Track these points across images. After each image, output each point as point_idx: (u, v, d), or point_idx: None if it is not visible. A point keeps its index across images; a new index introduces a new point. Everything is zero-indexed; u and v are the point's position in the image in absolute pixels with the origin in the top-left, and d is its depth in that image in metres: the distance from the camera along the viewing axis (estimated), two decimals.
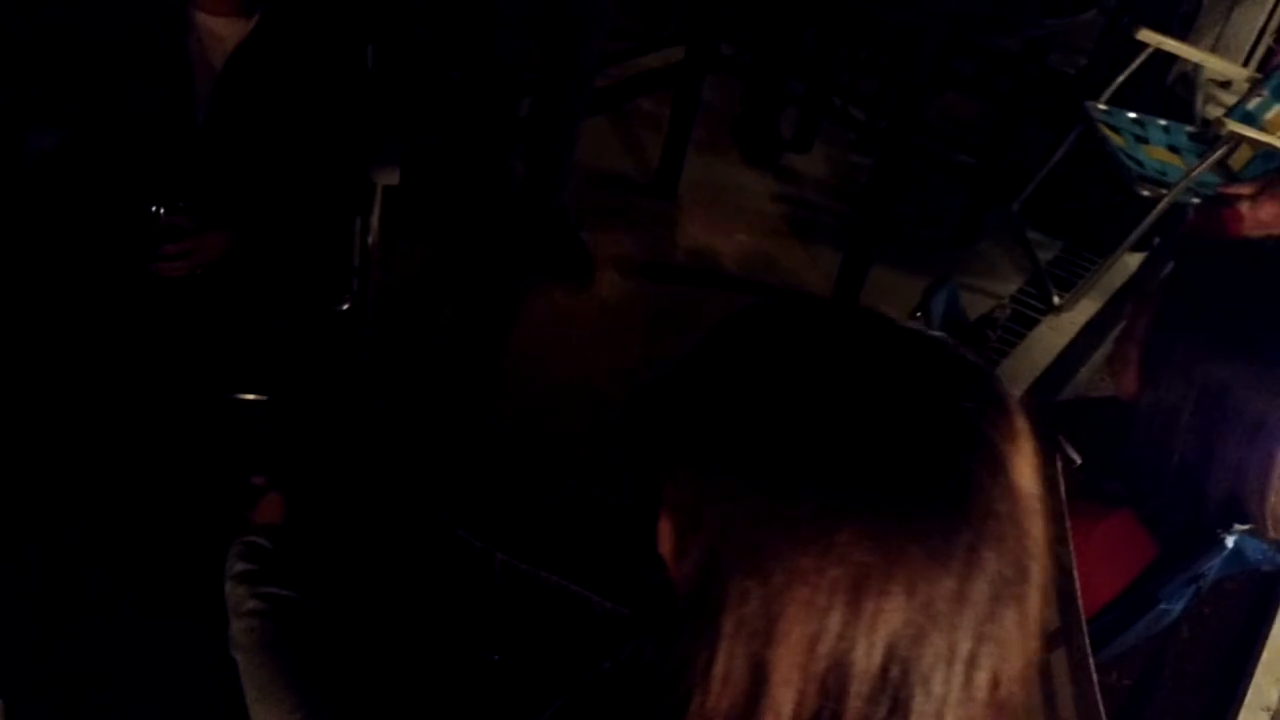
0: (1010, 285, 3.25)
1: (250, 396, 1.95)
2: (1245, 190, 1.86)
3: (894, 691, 0.64)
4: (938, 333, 0.72)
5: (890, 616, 0.62)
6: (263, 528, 1.07)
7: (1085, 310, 3.21)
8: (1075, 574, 0.99)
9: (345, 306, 2.04)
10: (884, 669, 0.63)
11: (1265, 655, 2.13)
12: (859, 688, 0.63)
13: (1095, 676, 0.92)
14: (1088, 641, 0.94)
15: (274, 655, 0.98)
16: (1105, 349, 3.01)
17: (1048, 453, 0.74)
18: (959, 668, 0.64)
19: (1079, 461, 1.21)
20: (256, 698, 0.97)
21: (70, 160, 1.83)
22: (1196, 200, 2.89)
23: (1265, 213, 1.83)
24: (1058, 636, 0.97)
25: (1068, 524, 1.05)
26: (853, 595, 0.62)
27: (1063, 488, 1.10)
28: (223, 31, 1.73)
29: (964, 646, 0.64)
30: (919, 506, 0.63)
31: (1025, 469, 0.67)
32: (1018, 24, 2.68)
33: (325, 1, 1.79)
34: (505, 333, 2.68)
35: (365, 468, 1.85)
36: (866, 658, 0.63)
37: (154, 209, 1.73)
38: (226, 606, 1.02)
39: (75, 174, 1.82)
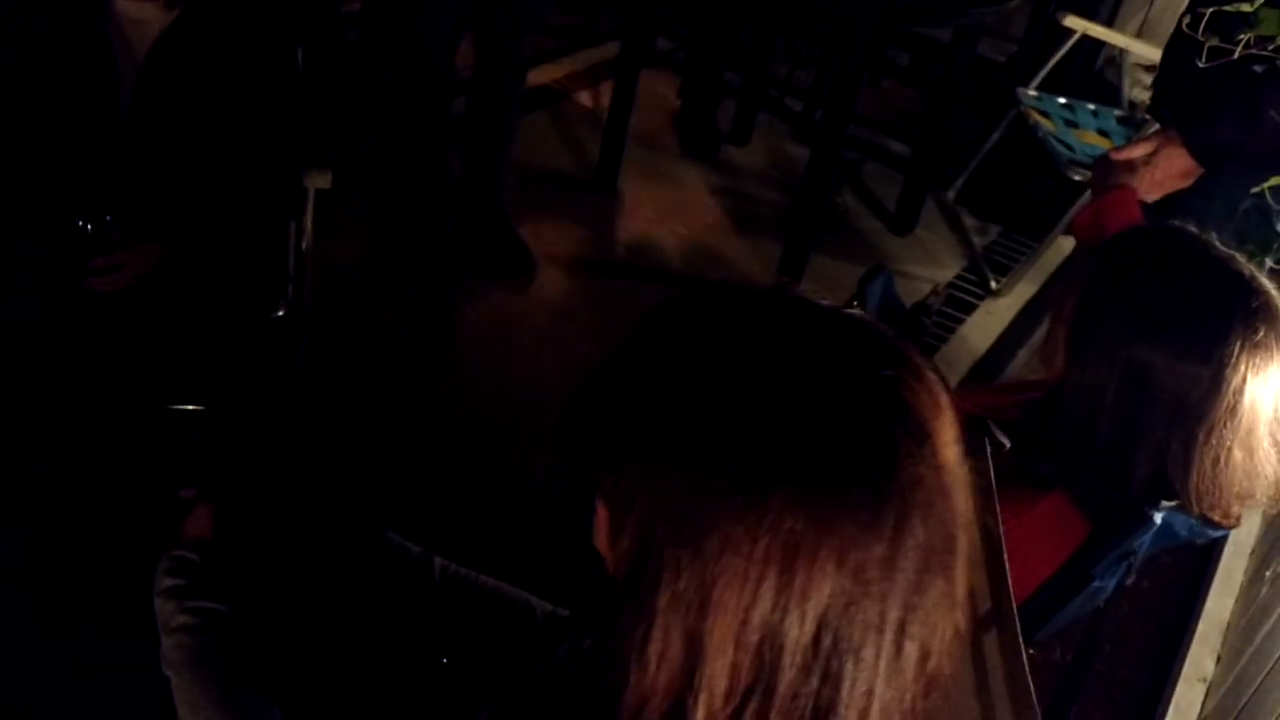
0: (948, 271, 3.29)
1: (186, 407, 1.92)
2: (1137, 152, 1.85)
3: (825, 662, 0.64)
4: (857, 312, 0.73)
5: (821, 585, 0.63)
6: (191, 541, 1.05)
7: (1022, 294, 3.25)
8: (1004, 554, 1.00)
9: (280, 313, 2.01)
10: (816, 639, 0.64)
11: (1200, 627, 2.19)
12: (791, 658, 0.64)
13: (1025, 657, 0.93)
14: (1018, 623, 0.95)
15: (206, 671, 0.96)
16: (1042, 332, 3.06)
17: (976, 434, 0.74)
18: (889, 636, 0.65)
19: (1007, 445, 1.23)
20: (189, 714, 0.96)
21: None
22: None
23: (1160, 172, 1.83)
24: (989, 618, 0.98)
25: (997, 503, 1.07)
26: (784, 564, 0.63)
27: (991, 467, 1.11)
28: (146, 18, 1.68)
29: (893, 615, 0.65)
30: (845, 474, 0.64)
31: (949, 439, 0.69)
32: (947, 13, 2.71)
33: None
34: (446, 335, 2.66)
35: (300, 476, 1.83)
36: (799, 627, 0.64)
37: (81, 223, 1.69)
38: (156, 623, 1.01)
39: None
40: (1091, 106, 3.34)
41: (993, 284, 3.25)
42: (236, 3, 1.74)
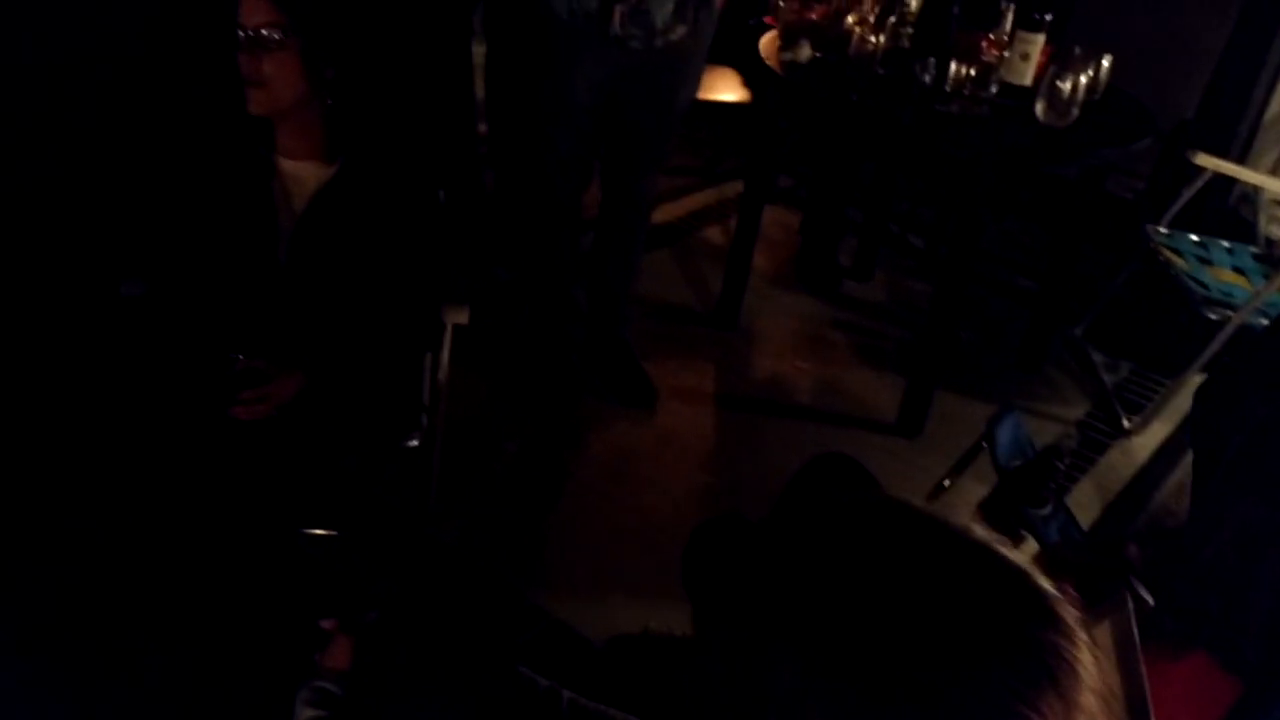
0: (1077, 410, 3.21)
1: (320, 532, 1.99)
2: None
3: None
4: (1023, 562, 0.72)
5: None
6: (331, 672, 1.08)
7: (1157, 434, 3.15)
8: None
9: (414, 443, 2.08)
10: None
11: None
12: None
13: None
14: None
15: None
16: (1179, 474, 2.95)
17: (1118, 587, 0.73)
18: None
19: (1151, 603, 1.18)
20: None
21: (158, 306, 1.92)
22: (1265, 321, 2.85)
23: None
24: None
25: (1141, 663, 1.03)
26: None
27: (1135, 626, 1.07)
28: (305, 175, 1.82)
29: None
30: None
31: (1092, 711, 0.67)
32: (1073, 154, 2.71)
33: (402, 149, 1.88)
34: (570, 464, 2.70)
35: (431, 608, 1.86)
36: None
37: (233, 355, 1.79)
38: None
39: (162, 319, 1.90)
40: (1226, 244, 3.27)
41: (1125, 423, 3.16)
42: (389, 158, 1.85)
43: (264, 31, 1.67)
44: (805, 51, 2.80)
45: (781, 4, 2.99)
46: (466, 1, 2.72)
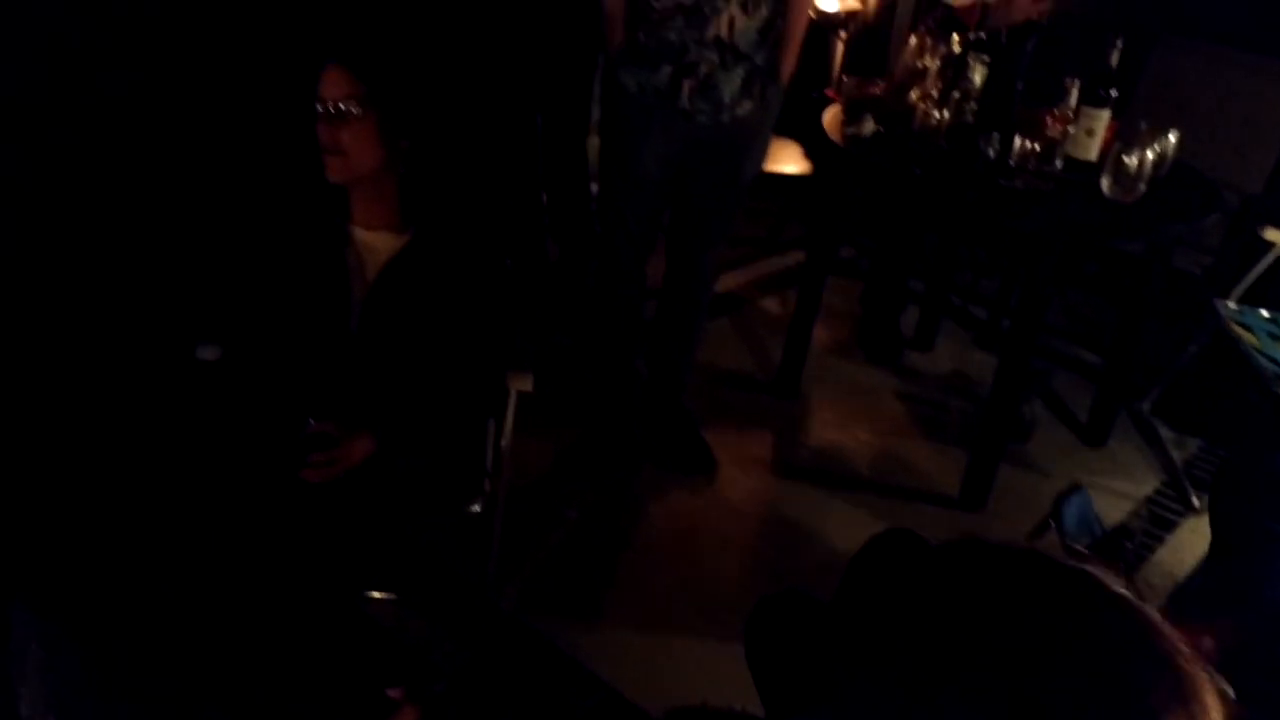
0: (1145, 486, 3.15)
1: (380, 595, 2.01)
2: None
3: None
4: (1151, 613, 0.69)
5: None
6: None
7: None
8: None
9: (476, 509, 2.10)
10: None
11: None
12: None
13: None
14: None
15: None
16: None
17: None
18: None
19: (1233, 695, 1.16)
20: None
21: (232, 370, 1.97)
22: None
23: None
24: None
25: None
26: None
27: None
28: (378, 244, 1.87)
29: None
30: None
31: None
32: (1141, 229, 2.69)
33: (473, 219, 1.93)
34: (629, 532, 2.70)
35: (493, 678, 1.87)
36: None
37: (304, 418, 1.83)
38: None
39: (236, 383, 1.95)
40: None
41: (1195, 501, 3.09)
42: (459, 229, 1.90)
43: (343, 105, 1.73)
44: (869, 126, 2.82)
45: (844, 78, 3.03)
46: (531, 75, 2.79)
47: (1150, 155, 2.54)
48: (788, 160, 3.90)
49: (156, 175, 2.12)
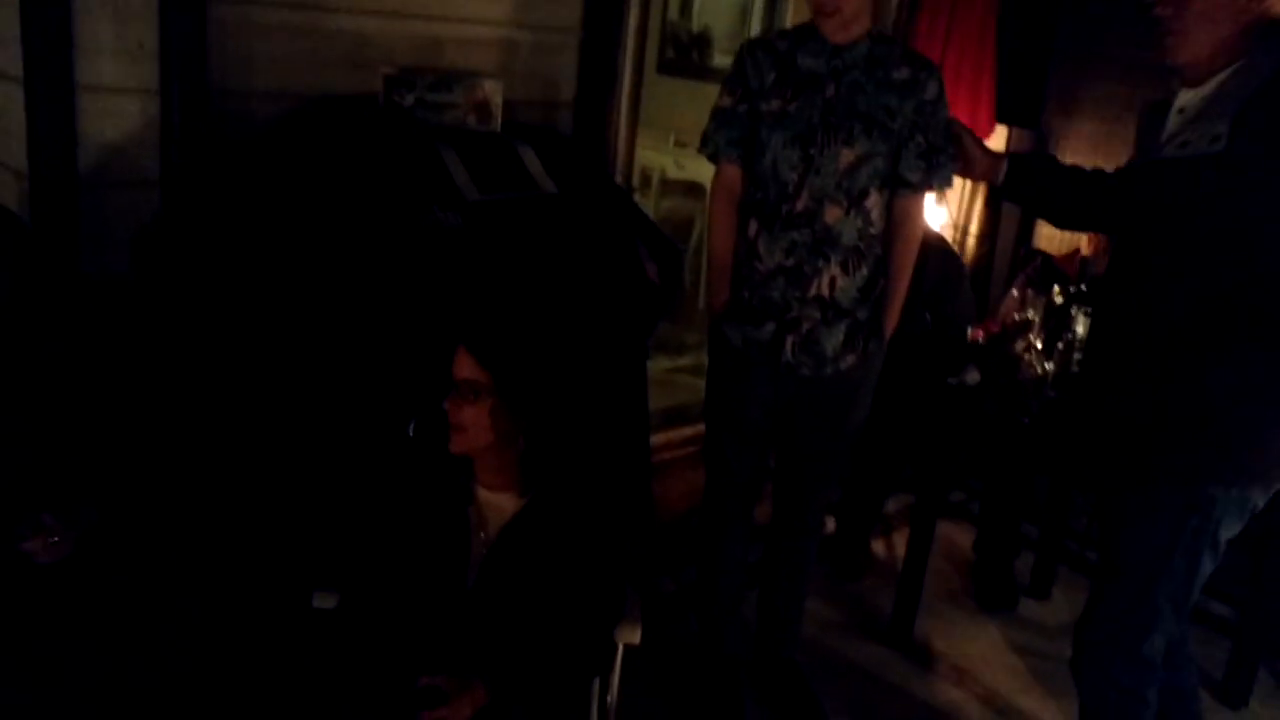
0: None
1: None
2: None
3: None
4: None
5: None
6: None
7: None
8: None
9: None
10: None
11: None
12: None
13: None
14: None
15: None
16: None
17: None
18: None
19: None
20: None
21: (347, 620, 2.01)
22: None
23: None
24: None
25: None
26: None
27: None
28: (500, 505, 1.93)
29: None
30: None
31: None
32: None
33: (589, 484, 1.98)
34: None
35: None
36: None
37: (416, 672, 1.84)
38: None
39: (350, 634, 1.99)
40: None
41: None
42: (576, 493, 1.96)
43: (466, 385, 1.84)
44: (974, 375, 2.86)
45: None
46: (638, 345, 2.89)
47: None
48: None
49: (289, 423, 2.23)
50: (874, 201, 2.48)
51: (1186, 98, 2.09)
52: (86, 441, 2.03)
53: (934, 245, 3.35)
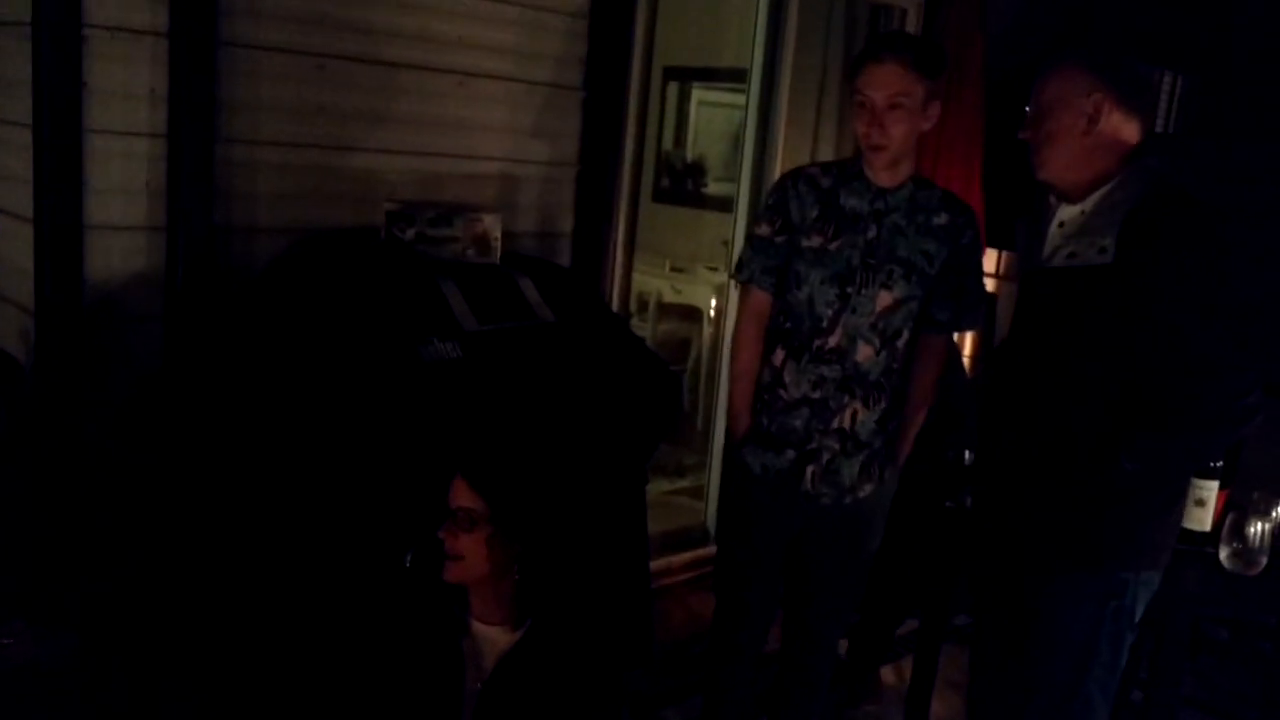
0: None
1: None
2: None
3: None
4: None
5: None
6: None
7: None
8: None
9: None
10: None
11: None
12: None
13: None
14: None
15: None
16: None
17: None
18: None
19: None
20: None
21: None
22: None
23: None
24: None
25: None
26: None
27: None
28: (494, 638, 1.91)
29: None
30: None
31: None
32: (1270, 604, 2.60)
33: (584, 615, 1.97)
34: None
35: None
36: None
37: None
38: None
39: None
40: None
41: None
42: (571, 625, 1.95)
43: (463, 513, 1.84)
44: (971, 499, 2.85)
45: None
46: (637, 470, 2.90)
47: (1268, 526, 2.49)
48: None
49: (288, 555, 2.22)
50: (904, 340, 2.51)
51: (1066, 213, 2.24)
52: (74, 569, 2.03)
53: None
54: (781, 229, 2.53)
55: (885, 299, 2.45)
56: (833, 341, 2.47)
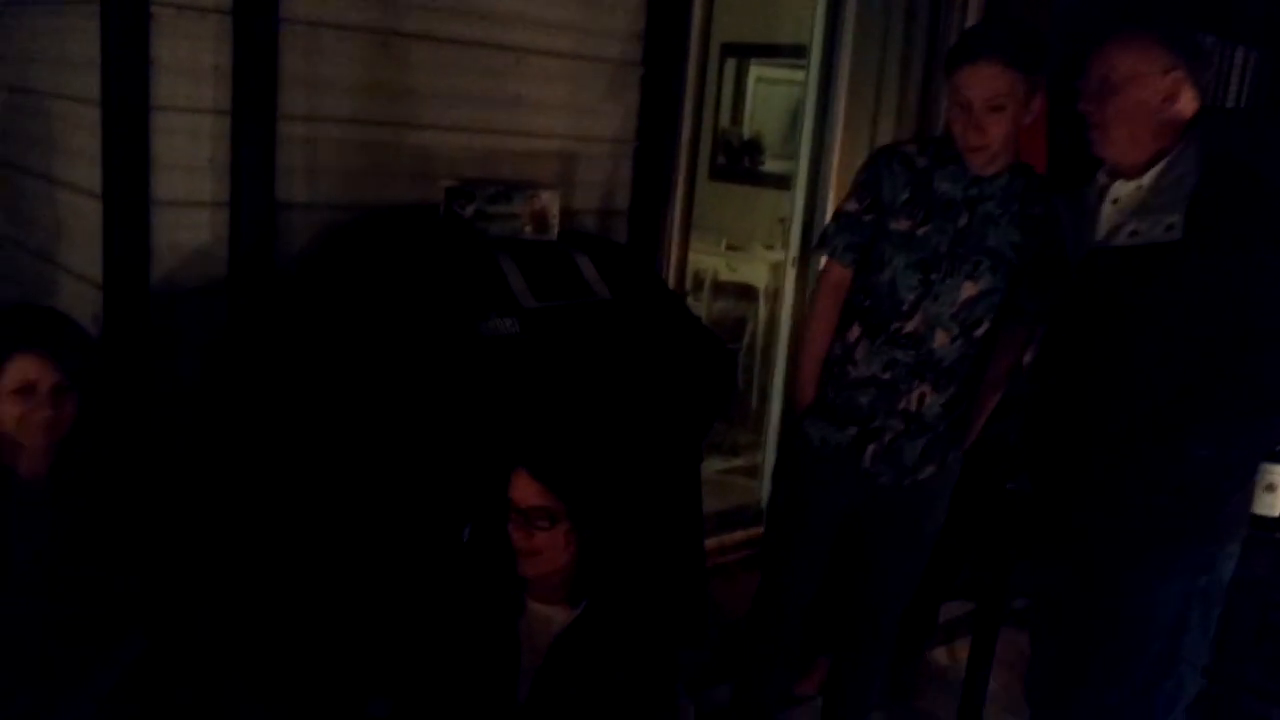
0: None
1: None
2: None
3: None
4: None
5: None
6: None
7: None
8: None
9: None
10: None
11: None
12: None
13: None
14: None
15: None
16: None
17: None
18: None
19: None
20: None
21: None
22: None
23: None
24: None
25: None
26: None
27: None
28: (551, 617, 1.92)
29: None
30: None
31: None
32: None
33: (641, 596, 1.97)
34: None
35: None
36: None
37: None
38: None
39: None
40: None
41: None
42: (628, 605, 1.95)
43: (538, 512, 1.84)
44: None
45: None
46: (693, 449, 2.89)
47: None
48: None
49: (349, 530, 2.25)
50: (984, 330, 2.46)
51: (1122, 189, 2.19)
52: (138, 561, 2.05)
53: None
54: (870, 207, 2.47)
55: (969, 289, 2.39)
56: (910, 327, 2.42)
